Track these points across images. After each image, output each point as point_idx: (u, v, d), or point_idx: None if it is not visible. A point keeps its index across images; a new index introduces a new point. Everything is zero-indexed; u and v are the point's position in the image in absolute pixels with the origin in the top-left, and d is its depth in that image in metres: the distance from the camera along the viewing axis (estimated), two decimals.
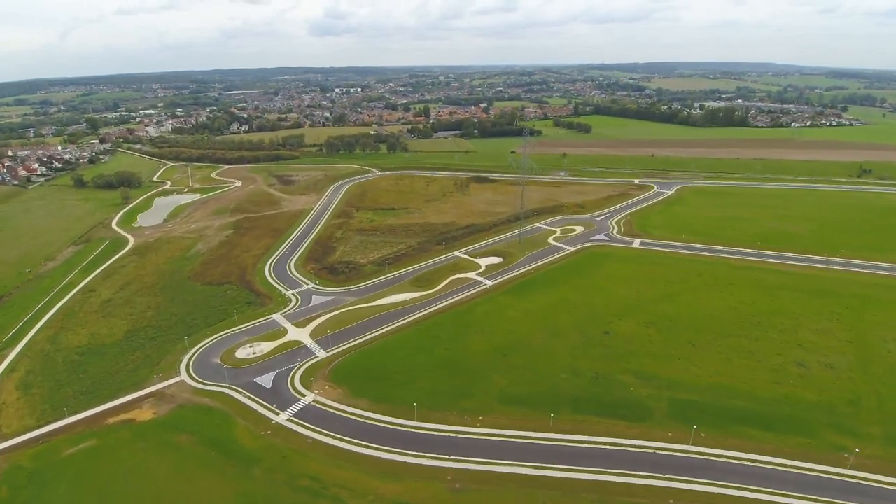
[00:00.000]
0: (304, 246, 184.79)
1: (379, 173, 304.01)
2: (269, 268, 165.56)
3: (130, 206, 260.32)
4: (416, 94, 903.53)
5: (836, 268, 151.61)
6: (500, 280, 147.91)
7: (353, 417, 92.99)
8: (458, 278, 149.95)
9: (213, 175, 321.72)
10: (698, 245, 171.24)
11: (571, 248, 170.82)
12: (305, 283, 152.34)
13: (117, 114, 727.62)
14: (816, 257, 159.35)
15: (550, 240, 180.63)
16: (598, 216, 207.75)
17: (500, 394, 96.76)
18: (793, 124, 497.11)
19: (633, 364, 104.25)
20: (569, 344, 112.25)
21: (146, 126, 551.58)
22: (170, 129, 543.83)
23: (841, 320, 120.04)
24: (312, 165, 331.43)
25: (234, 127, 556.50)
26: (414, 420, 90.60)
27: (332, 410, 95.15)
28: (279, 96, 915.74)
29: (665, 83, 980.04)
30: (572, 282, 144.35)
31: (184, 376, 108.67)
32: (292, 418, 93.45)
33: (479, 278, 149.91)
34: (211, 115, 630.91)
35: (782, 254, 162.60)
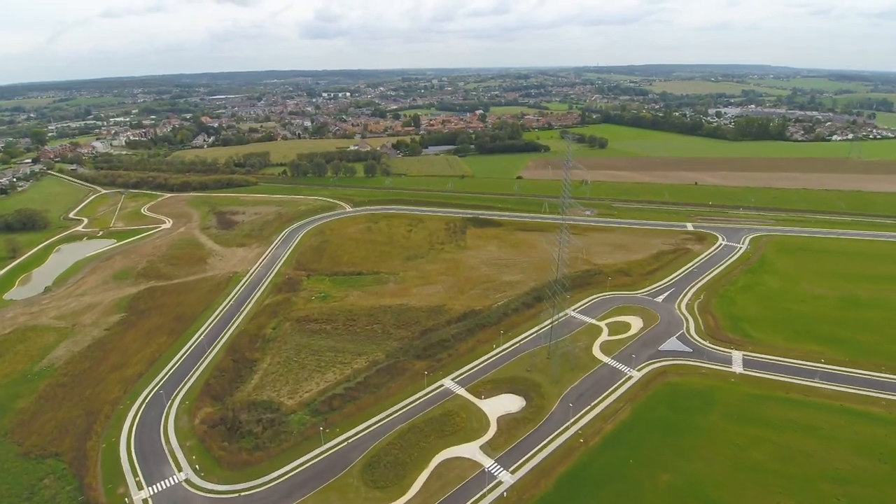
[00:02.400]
0: (209, 360, 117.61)
1: (349, 210, 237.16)
2: (136, 415, 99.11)
3: (19, 261, 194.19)
4: (408, 98, 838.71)
5: None
6: (524, 470, 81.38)
7: None
8: (449, 463, 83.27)
9: (145, 209, 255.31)
10: (834, 368, 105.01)
11: (635, 375, 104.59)
12: (178, 465, 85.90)
13: (82, 122, 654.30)
14: None
15: (596, 350, 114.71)
16: (657, 293, 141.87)
17: None
18: (833, 137, 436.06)
19: None
20: None
21: (95, 141, 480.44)
22: (124, 143, 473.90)
23: None
24: (267, 197, 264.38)
25: (200, 139, 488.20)
26: None
27: None
28: (262, 101, 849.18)
29: (667, 86, 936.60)
30: (660, 478, 78.15)
31: None
32: None
33: (486, 461, 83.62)
34: (177, 125, 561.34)
35: None
